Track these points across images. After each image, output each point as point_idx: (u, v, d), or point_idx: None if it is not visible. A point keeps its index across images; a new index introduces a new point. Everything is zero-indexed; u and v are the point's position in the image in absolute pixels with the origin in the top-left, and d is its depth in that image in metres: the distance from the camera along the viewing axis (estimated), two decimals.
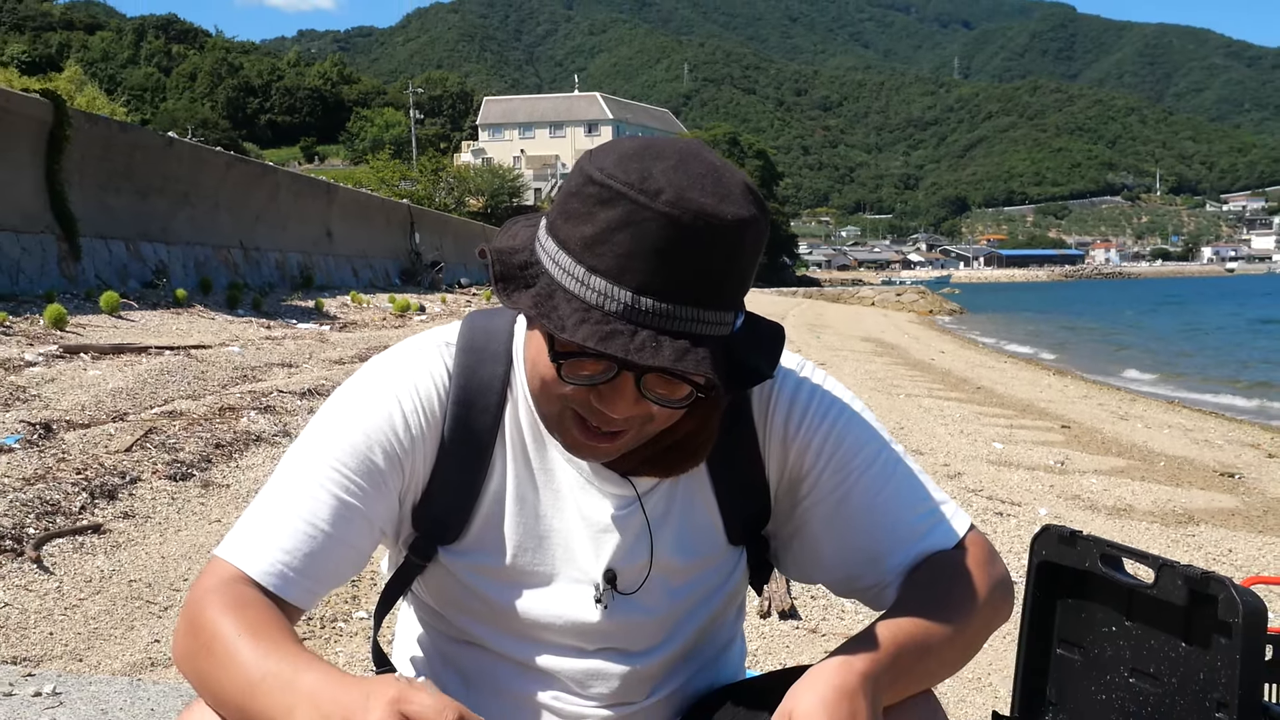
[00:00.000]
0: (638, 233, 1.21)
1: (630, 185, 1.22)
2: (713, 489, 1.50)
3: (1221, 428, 12.56)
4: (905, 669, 1.34)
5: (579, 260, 1.24)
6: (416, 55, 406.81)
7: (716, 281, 1.25)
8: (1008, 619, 1.56)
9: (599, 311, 1.23)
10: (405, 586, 1.57)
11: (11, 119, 16.83)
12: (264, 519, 1.35)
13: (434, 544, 1.49)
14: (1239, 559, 5.60)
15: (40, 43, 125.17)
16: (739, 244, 1.25)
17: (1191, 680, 1.92)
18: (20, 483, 5.43)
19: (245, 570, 1.31)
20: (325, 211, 31.94)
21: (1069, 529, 2.20)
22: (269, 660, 1.20)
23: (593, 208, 1.24)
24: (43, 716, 3.01)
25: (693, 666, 1.58)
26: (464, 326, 1.51)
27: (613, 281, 1.22)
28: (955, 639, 1.41)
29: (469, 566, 1.48)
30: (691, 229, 1.21)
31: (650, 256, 1.21)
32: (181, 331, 14.14)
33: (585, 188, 1.25)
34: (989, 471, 7.95)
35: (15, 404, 7.65)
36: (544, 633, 1.49)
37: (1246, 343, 33.34)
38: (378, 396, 1.43)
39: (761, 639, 4.01)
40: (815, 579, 1.56)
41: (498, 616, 1.50)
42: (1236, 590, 1.84)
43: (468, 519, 1.47)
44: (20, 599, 4.03)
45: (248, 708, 1.20)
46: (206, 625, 1.26)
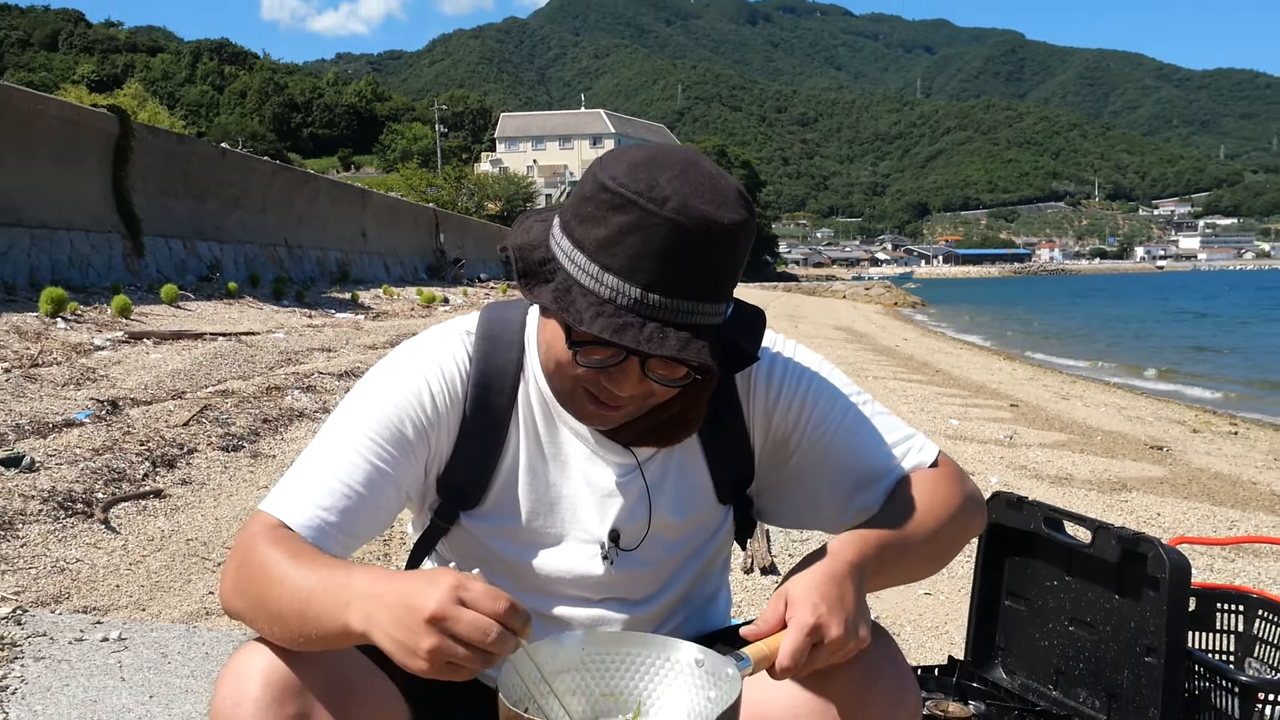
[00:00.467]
0: (646, 236, 1.23)
1: (640, 194, 1.24)
2: (704, 456, 1.52)
3: (1151, 406, 12.55)
4: (888, 560, 1.37)
5: (593, 259, 1.26)
6: (441, 76, 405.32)
7: (714, 278, 1.28)
8: (981, 529, 1.57)
9: (612, 305, 1.24)
10: (430, 548, 1.57)
11: (82, 132, 16.79)
12: (305, 479, 1.35)
13: (456, 509, 1.49)
14: (1166, 522, 5.60)
15: (107, 64, 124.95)
16: (734, 244, 1.28)
17: (1124, 628, 1.92)
18: (90, 453, 5.42)
19: (286, 521, 1.32)
20: (360, 214, 31.87)
21: (1016, 495, 2.20)
22: (319, 571, 1.22)
23: (606, 212, 1.26)
24: (110, 659, 3.01)
25: (686, 611, 1.59)
26: (482, 317, 1.52)
27: (624, 279, 1.24)
28: (932, 539, 1.44)
29: (488, 529, 1.49)
30: (694, 234, 1.24)
31: (657, 257, 1.24)
32: (233, 320, 14.12)
33: (599, 194, 1.27)
34: (946, 445, 7.94)
35: (86, 383, 7.65)
36: (555, 586, 1.50)
37: (1170, 330, 33.35)
38: (408, 376, 1.44)
39: (745, 592, 4.01)
40: (811, 522, 1.57)
41: (514, 573, 1.50)
42: (1164, 549, 1.85)
43: (486, 487, 1.48)
44: (90, 555, 4.03)
45: (306, 615, 1.20)
46: (256, 558, 1.27)
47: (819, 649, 1.23)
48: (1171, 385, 16.88)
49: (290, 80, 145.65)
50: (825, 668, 1.28)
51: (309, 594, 1.21)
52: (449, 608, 1.09)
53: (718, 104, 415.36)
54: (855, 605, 1.27)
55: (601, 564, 1.49)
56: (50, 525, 4.26)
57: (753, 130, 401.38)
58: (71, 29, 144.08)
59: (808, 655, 1.22)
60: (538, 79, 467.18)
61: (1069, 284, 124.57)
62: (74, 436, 5.74)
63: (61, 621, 3.29)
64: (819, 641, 1.23)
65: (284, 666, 1.27)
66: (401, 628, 1.11)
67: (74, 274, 15.55)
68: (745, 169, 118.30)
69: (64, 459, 5.23)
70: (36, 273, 14.64)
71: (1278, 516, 6.05)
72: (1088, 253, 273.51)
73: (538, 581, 1.50)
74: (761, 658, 1.23)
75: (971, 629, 2.23)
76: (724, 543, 1.62)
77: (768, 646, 1.24)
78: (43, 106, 15.95)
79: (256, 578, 1.27)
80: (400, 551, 4.41)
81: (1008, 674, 2.16)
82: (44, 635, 3.13)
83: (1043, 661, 2.09)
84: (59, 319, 10.91)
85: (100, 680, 2.85)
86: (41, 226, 15.36)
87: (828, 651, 1.23)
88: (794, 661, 1.22)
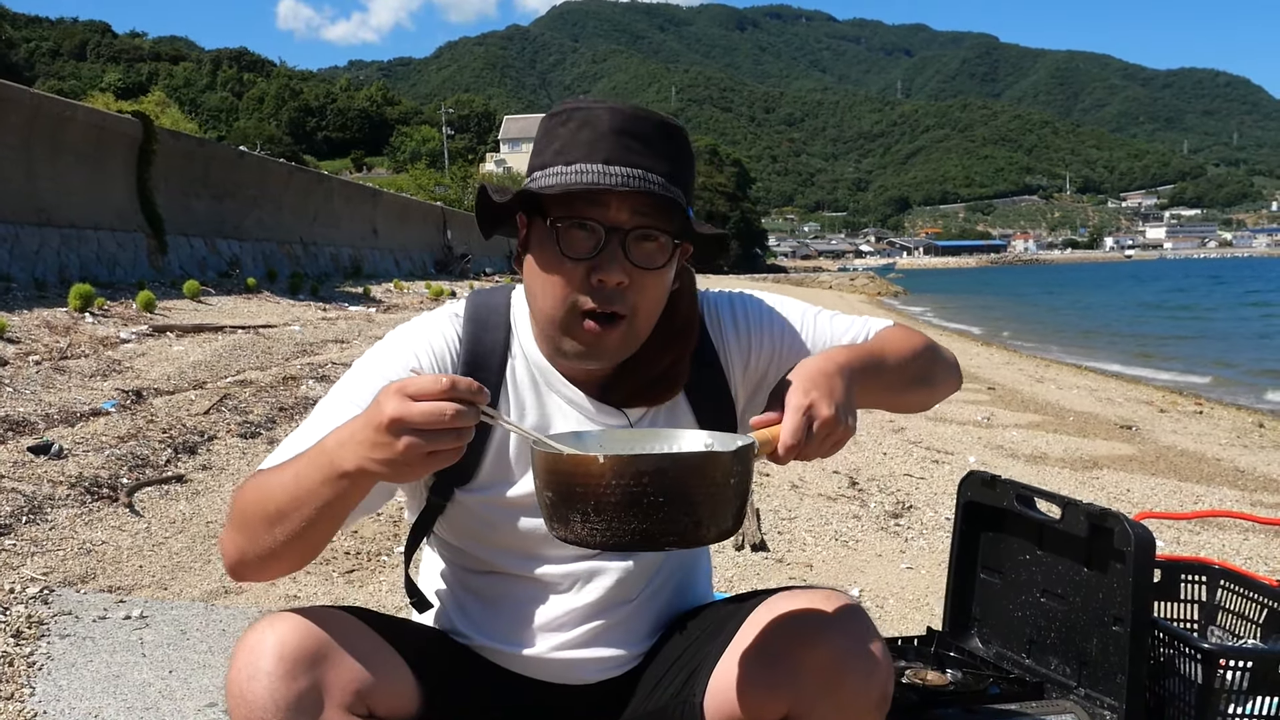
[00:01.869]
0: (594, 126, 1.33)
1: (580, 104, 1.37)
2: (692, 413, 1.52)
3: (1121, 388, 12.54)
4: (871, 370, 1.42)
5: (555, 163, 1.35)
6: (448, 81, 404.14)
7: (663, 161, 1.34)
8: (957, 380, 1.65)
9: (579, 180, 1.32)
10: (428, 527, 1.55)
11: (108, 136, 16.74)
12: (296, 446, 1.34)
13: (451, 486, 1.47)
14: (1135, 497, 5.59)
15: (132, 72, 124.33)
16: (672, 139, 1.36)
17: (1092, 600, 1.91)
18: (116, 440, 5.40)
19: None
20: (372, 212, 31.80)
21: (990, 474, 2.18)
22: (297, 461, 1.24)
23: (555, 129, 1.36)
24: (132, 636, 2.99)
25: (670, 567, 1.57)
26: (469, 301, 1.54)
27: (585, 161, 1.32)
28: (910, 360, 1.52)
29: (482, 500, 1.47)
30: (633, 118, 1.34)
31: (608, 136, 1.32)
32: (251, 314, 14.08)
33: (547, 123, 1.39)
34: (927, 426, 7.93)
35: (112, 374, 7.62)
36: (552, 546, 1.47)
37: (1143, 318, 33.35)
38: (399, 353, 1.46)
39: (736, 568, 4.00)
40: None
41: (510, 539, 1.48)
42: (1129, 524, 1.83)
43: (479, 461, 1.46)
44: (115, 538, 4.01)
45: (299, 494, 1.21)
46: (244, 493, 1.30)
47: (813, 437, 1.26)
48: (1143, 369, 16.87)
49: (305, 86, 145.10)
50: (798, 647, 1.27)
51: (295, 476, 1.22)
52: (399, 408, 1.10)
53: (709, 105, 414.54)
54: (844, 395, 1.31)
55: None
56: (77, 509, 4.24)
57: (743, 130, 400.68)
58: (99, 39, 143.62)
59: (805, 435, 1.25)
60: (539, 83, 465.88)
61: (1043, 273, 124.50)
62: (100, 425, 5.72)
63: (86, 600, 3.27)
64: (812, 422, 1.26)
65: (297, 640, 1.25)
66: (374, 446, 1.13)
67: (101, 271, 15.50)
68: (736, 167, 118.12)
69: (91, 446, 5.21)
70: (66, 270, 14.59)
71: (1240, 490, 6.04)
72: (1060, 243, 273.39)
73: (533, 544, 1.48)
74: (765, 441, 1.25)
75: (949, 601, 2.21)
76: None
77: (770, 434, 1.27)
78: (71, 113, 15.89)
79: (250, 504, 1.27)
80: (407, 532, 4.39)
81: (983, 643, 2.15)
82: (69, 614, 3.11)
83: (1016, 631, 2.08)
84: (87, 314, 10.88)
85: (123, 656, 2.83)
86: (70, 226, 15.31)
87: (821, 434, 1.26)
88: (794, 439, 1.25)
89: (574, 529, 1.14)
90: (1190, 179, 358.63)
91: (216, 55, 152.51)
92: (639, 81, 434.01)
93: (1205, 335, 24.97)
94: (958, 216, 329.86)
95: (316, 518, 1.22)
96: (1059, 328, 28.66)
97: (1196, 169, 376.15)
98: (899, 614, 3.55)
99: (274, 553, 1.26)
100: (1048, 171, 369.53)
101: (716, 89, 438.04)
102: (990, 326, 28.82)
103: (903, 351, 1.50)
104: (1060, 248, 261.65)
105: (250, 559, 1.29)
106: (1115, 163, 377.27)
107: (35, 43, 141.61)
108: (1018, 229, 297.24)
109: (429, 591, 1.61)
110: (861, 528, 4.64)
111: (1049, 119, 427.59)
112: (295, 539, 1.24)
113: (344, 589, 3.68)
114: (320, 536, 1.27)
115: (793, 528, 4.59)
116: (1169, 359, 18.40)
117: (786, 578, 3.90)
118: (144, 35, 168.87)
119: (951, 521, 2.21)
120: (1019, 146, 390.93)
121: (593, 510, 1.11)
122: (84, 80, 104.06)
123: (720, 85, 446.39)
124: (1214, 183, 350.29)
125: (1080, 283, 78.89)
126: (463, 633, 1.53)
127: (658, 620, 1.56)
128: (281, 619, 1.28)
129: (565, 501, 1.13)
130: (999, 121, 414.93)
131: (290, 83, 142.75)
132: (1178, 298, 48.40)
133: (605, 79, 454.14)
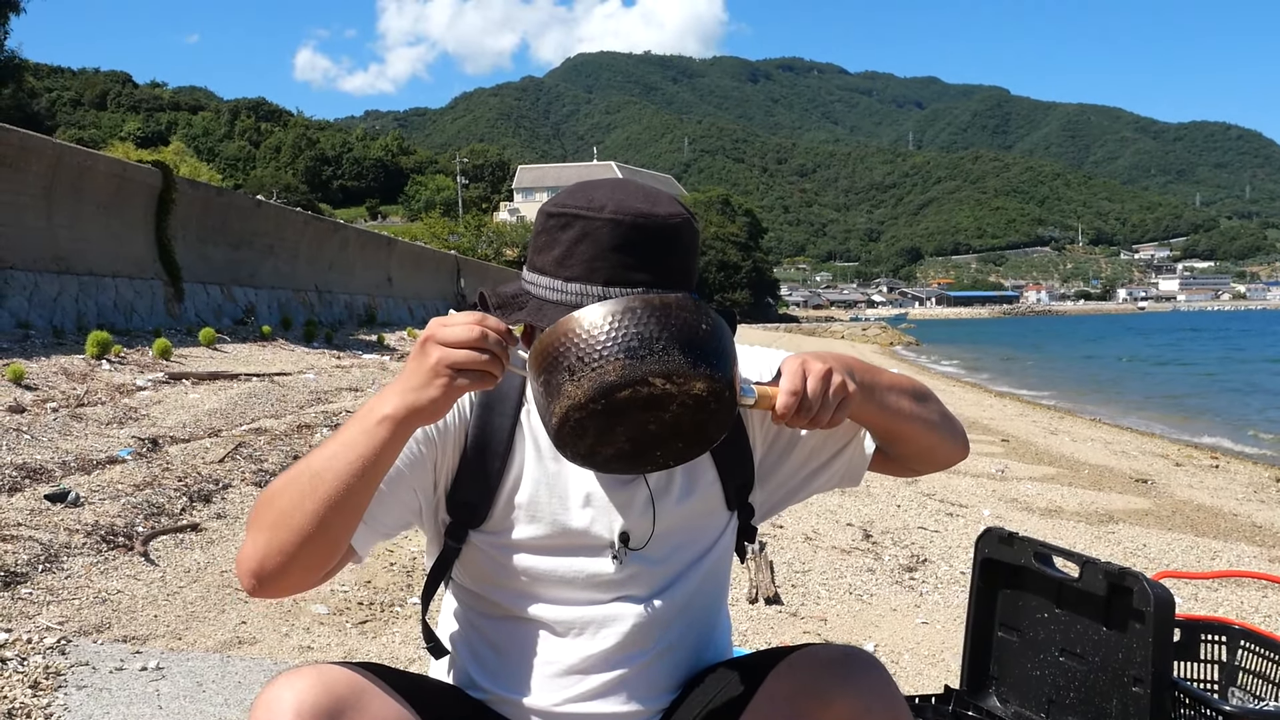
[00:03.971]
0: (594, 240, 1.31)
1: (579, 207, 1.33)
2: (711, 459, 1.53)
3: (1136, 441, 12.49)
4: (869, 382, 1.45)
5: (555, 276, 1.34)
6: (463, 131, 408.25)
7: (667, 269, 1.34)
8: (964, 446, 1.64)
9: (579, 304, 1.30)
10: (445, 572, 1.57)
11: (128, 185, 16.95)
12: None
13: (465, 528, 1.50)
14: (1152, 552, 5.56)
15: (152, 121, 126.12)
16: (677, 238, 1.35)
17: (1112, 659, 1.91)
18: (131, 488, 5.42)
19: None
20: (386, 261, 32.01)
21: (1007, 531, 2.19)
22: (330, 440, 1.29)
23: (555, 234, 1.35)
24: (149, 688, 2.99)
25: (689, 618, 1.56)
26: None
27: (585, 282, 1.32)
28: (913, 396, 1.53)
29: (496, 542, 1.49)
30: (635, 228, 1.31)
31: (609, 255, 1.31)
32: (266, 361, 14.16)
33: (546, 222, 1.37)
34: (941, 479, 7.91)
35: (128, 422, 7.66)
36: (567, 589, 1.49)
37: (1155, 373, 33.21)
38: None
39: (750, 621, 3.98)
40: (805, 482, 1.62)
41: (526, 583, 1.50)
42: (1149, 583, 1.83)
43: (491, 503, 1.48)
44: (130, 586, 4.02)
45: (340, 452, 1.26)
46: (269, 486, 1.32)
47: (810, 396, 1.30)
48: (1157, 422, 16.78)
49: (322, 135, 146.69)
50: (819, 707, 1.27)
51: (334, 438, 1.28)
52: (435, 328, 1.22)
53: (722, 156, 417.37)
54: (839, 362, 1.38)
55: (612, 564, 1.48)
56: (93, 558, 4.26)
57: (755, 180, 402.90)
58: (119, 89, 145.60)
59: (802, 383, 1.30)
60: (553, 133, 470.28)
61: (1056, 324, 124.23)
62: (116, 473, 5.75)
63: (103, 651, 3.28)
64: (807, 376, 1.31)
65: (314, 699, 1.26)
66: (411, 373, 1.23)
67: (118, 318, 15.63)
68: (749, 216, 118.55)
69: (107, 494, 5.23)
70: (84, 317, 14.71)
71: (1257, 547, 6.00)
72: (1073, 294, 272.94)
73: (548, 587, 1.49)
74: (763, 395, 1.30)
75: (966, 659, 2.21)
76: (726, 550, 1.61)
77: (770, 389, 1.31)
78: (92, 162, 16.11)
79: (278, 488, 1.30)
80: (421, 584, 4.39)
81: (1001, 702, 2.14)
82: (86, 664, 3.12)
83: (1034, 691, 2.07)
84: (104, 361, 10.95)
85: (139, 709, 2.84)
86: (89, 274, 15.46)
87: (817, 388, 1.31)
88: (792, 384, 1.30)
89: (565, 393, 1.19)
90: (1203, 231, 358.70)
91: (235, 105, 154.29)
92: (652, 132, 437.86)
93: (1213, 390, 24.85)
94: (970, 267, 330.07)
95: (351, 479, 1.25)
96: (1074, 380, 28.56)
97: (1209, 221, 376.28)
98: (914, 670, 3.53)
99: (297, 545, 1.27)
100: (1060, 223, 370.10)
101: (729, 140, 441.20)
102: (1003, 377, 28.75)
103: (901, 381, 1.53)
104: (1073, 299, 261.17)
105: (271, 560, 1.29)
106: (1128, 215, 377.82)
107: (57, 92, 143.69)
108: (1030, 280, 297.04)
109: (445, 637, 1.62)
110: (876, 581, 4.62)
111: (1061, 171, 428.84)
112: (323, 517, 1.26)
113: (357, 640, 3.68)
114: (349, 513, 1.29)
115: (806, 580, 4.57)
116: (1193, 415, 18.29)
117: (801, 632, 3.89)
118: (164, 85, 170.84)
119: (966, 576, 2.22)
120: (1031, 198, 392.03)
121: (577, 361, 1.18)
122: (104, 129, 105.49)
123: (733, 136, 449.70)
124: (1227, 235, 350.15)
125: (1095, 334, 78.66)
126: (478, 683, 1.54)
127: (676, 674, 1.55)
128: (299, 676, 1.29)
129: (552, 369, 1.20)
130: (1011, 173, 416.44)
131: (307, 132, 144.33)
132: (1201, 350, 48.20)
133: (619, 130, 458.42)
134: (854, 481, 1.62)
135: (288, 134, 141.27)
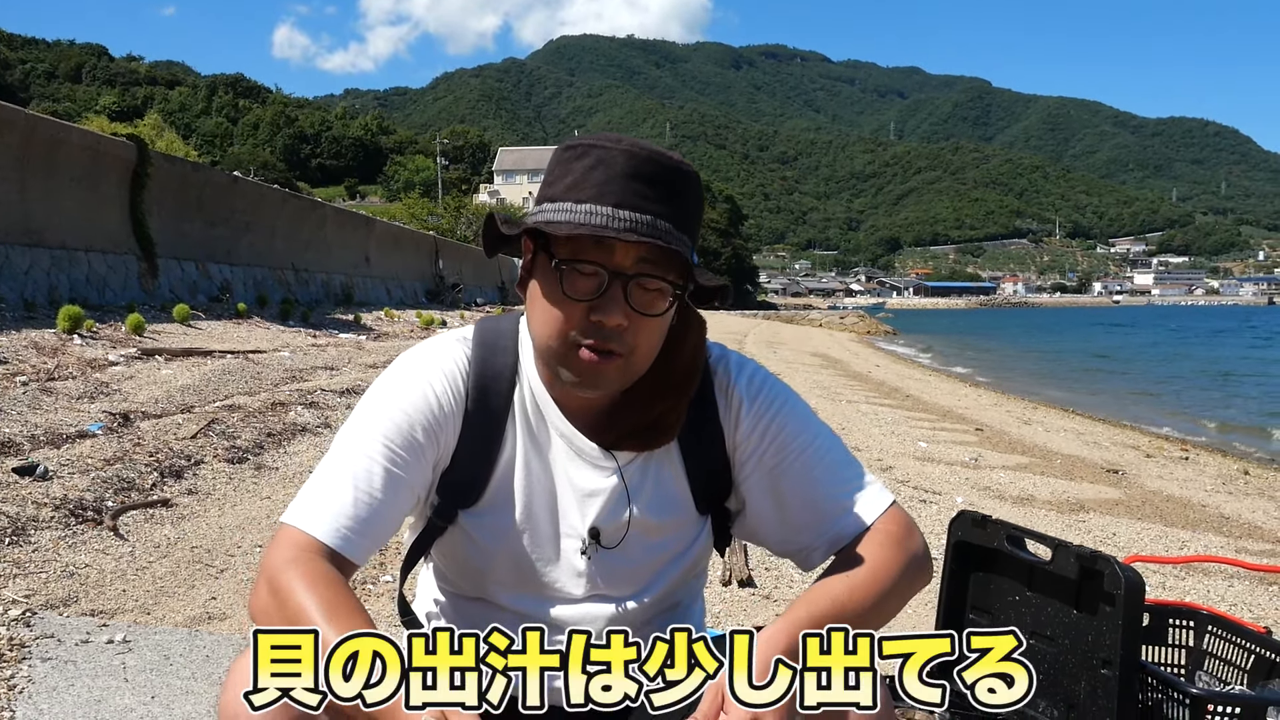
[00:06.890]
0: (608, 167, 1.33)
1: (597, 141, 1.36)
2: (684, 466, 1.52)
3: (1108, 432, 12.59)
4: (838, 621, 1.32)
5: (565, 198, 1.35)
6: (443, 112, 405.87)
7: (673, 207, 1.35)
8: (928, 583, 1.52)
9: (588, 225, 1.31)
10: (426, 549, 1.57)
11: (103, 158, 16.75)
12: (325, 489, 1.35)
13: (455, 508, 1.49)
14: (1121, 541, 5.60)
15: (128, 95, 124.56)
16: (688, 185, 1.37)
17: (1081, 642, 1.91)
18: (101, 463, 5.37)
19: (314, 534, 1.31)
20: (364, 240, 31.83)
21: (981, 514, 2.19)
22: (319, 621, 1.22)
23: (571, 163, 1.36)
24: (114, 661, 2.97)
25: (665, 618, 1.57)
26: (477, 327, 1.56)
27: (595, 202, 1.32)
28: (881, 602, 1.39)
29: (482, 525, 1.48)
30: (648, 162, 1.34)
31: (621, 180, 1.32)
32: (241, 339, 14.05)
33: (563, 153, 1.38)
34: (915, 466, 7.95)
35: (99, 397, 7.59)
36: (540, 582, 1.49)
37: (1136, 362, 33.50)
38: (413, 382, 1.45)
39: (723, 603, 3.99)
40: (758, 540, 1.57)
41: (502, 569, 1.50)
42: (1119, 567, 1.84)
43: (484, 484, 1.48)
44: (99, 561, 3.98)
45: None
46: (290, 600, 1.24)
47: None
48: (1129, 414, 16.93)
49: (301, 114, 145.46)
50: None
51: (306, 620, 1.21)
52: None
53: (703, 142, 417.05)
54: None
55: (580, 559, 1.48)
56: (61, 531, 4.22)
57: (736, 167, 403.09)
58: (95, 62, 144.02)
59: None
60: (534, 116, 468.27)
61: (1032, 316, 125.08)
62: (86, 447, 5.69)
63: (69, 624, 3.24)
64: None
65: None
66: None
67: (91, 293, 15.47)
68: (729, 203, 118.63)
69: (76, 468, 5.18)
70: (56, 291, 14.55)
71: (1225, 537, 6.06)
72: (1049, 287, 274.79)
73: (522, 576, 1.49)
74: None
75: None
76: (703, 552, 1.60)
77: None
78: (66, 135, 15.90)
79: (290, 619, 1.24)
80: (395, 560, 4.37)
81: None
82: (51, 637, 3.09)
83: None
84: (75, 335, 10.84)
85: (105, 681, 2.81)
86: (62, 248, 15.29)
87: None
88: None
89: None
90: (1179, 227, 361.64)
91: (213, 81, 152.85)
92: (634, 116, 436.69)
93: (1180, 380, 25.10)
94: (948, 258, 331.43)
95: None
96: (1047, 370, 28.77)
97: (1185, 217, 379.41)
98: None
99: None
100: (1038, 215, 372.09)
101: (711, 126, 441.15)
102: (976, 366, 28.92)
103: (875, 586, 1.38)
104: (1049, 291, 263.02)
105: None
106: (1105, 209, 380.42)
107: (31, 64, 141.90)
108: (1007, 271, 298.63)
109: (421, 614, 1.62)
110: None
111: (1040, 163, 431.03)
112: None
113: None
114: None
115: (780, 563, 4.58)
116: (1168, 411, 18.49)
117: (774, 614, 3.89)
118: (141, 59, 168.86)
119: (939, 561, 2.22)
120: (1010, 190, 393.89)
121: None
122: (79, 102, 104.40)
123: (715, 122, 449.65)
124: (1202, 231, 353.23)
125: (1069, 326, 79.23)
126: None
127: None
128: None
129: None
130: (990, 165, 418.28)
131: (286, 109, 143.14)
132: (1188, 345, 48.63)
133: (601, 113, 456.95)
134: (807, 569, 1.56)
135: (266, 111, 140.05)
